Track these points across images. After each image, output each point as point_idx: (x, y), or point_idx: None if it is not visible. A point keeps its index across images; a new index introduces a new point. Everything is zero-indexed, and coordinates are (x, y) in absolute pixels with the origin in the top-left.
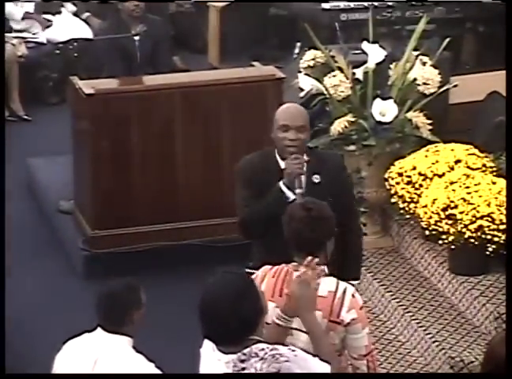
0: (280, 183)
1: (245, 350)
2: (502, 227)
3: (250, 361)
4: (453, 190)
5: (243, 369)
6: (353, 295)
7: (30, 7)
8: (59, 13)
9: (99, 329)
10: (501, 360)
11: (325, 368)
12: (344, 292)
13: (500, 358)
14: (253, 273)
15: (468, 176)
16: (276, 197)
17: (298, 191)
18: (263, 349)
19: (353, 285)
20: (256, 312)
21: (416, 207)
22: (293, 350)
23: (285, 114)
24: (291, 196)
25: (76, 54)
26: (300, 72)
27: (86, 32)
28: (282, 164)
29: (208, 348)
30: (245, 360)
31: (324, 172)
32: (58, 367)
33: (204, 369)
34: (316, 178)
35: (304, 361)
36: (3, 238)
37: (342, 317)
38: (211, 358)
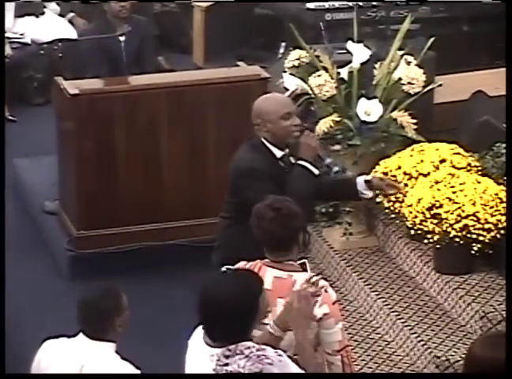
0: (303, 163)
1: (230, 347)
2: (487, 226)
3: (234, 357)
4: (438, 190)
5: (226, 364)
6: (326, 290)
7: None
8: (43, 13)
9: (81, 335)
10: (480, 362)
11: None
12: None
13: (479, 360)
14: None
15: (453, 175)
16: (306, 177)
17: (328, 161)
18: (249, 347)
19: (326, 279)
20: (257, 311)
21: (401, 206)
22: (279, 355)
23: (283, 103)
24: (315, 171)
25: (61, 55)
26: (285, 72)
27: (70, 33)
28: (277, 153)
29: (195, 340)
30: (229, 356)
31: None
32: (42, 368)
33: (189, 360)
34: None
35: (286, 367)
36: (3, 239)
37: (314, 313)
38: (197, 349)
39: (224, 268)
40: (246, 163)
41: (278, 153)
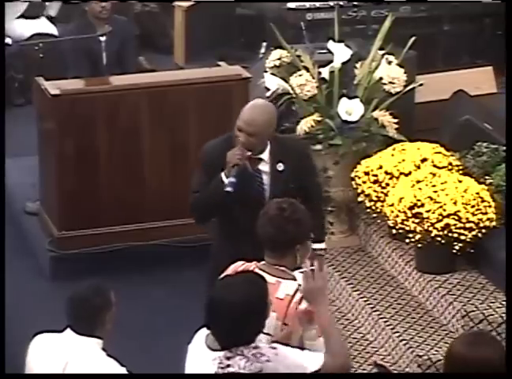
0: (222, 173)
1: (231, 348)
2: (469, 225)
3: (235, 358)
4: (420, 189)
5: (228, 366)
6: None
7: None
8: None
9: (68, 331)
10: (460, 361)
11: (307, 357)
12: (302, 298)
13: (459, 358)
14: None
15: (434, 175)
16: (217, 185)
17: (230, 180)
18: (248, 347)
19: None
20: (265, 313)
21: (382, 206)
22: (274, 348)
23: (243, 117)
24: (228, 187)
25: (41, 55)
26: (266, 71)
27: (50, 28)
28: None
29: (196, 344)
30: (230, 357)
31: (287, 160)
32: (31, 362)
33: (190, 364)
34: (279, 166)
35: (285, 358)
36: (3, 239)
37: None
38: (198, 354)
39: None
40: (204, 146)
41: None
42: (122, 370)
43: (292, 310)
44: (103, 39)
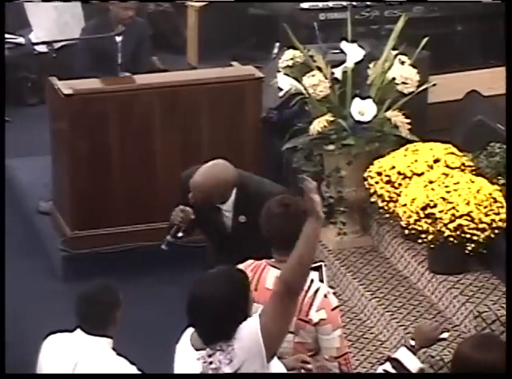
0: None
1: (212, 345)
2: (481, 225)
3: (215, 354)
4: (433, 189)
5: (210, 363)
6: (326, 296)
7: None
8: None
9: (78, 331)
10: (466, 362)
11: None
12: (316, 292)
13: (465, 360)
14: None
15: (447, 175)
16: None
17: (167, 238)
18: (227, 342)
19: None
20: (246, 309)
21: (395, 206)
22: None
23: (191, 181)
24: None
25: (54, 55)
26: (279, 71)
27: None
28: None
29: (182, 344)
30: (211, 354)
31: (251, 212)
32: (42, 362)
33: (178, 364)
34: (242, 219)
35: (243, 339)
36: (3, 239)
37: (310, 317)
38: (184, 353)
39: None
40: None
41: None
42: (132, 369)
43: (307, 306)
44: (119, 39)
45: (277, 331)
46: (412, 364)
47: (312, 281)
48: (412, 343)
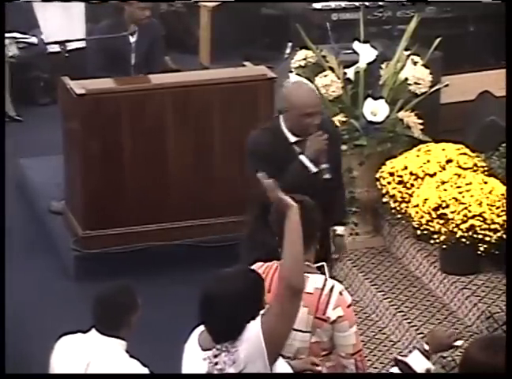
0: (301, 157)
1: (218, 346)
2: (494, 226)
3: (220, 355)
4: (445, 190)
5: (216, 363)
6: (341, 293)
7: None
8: None
9: (93, 331)
10: (473, 364)
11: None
12: (332, 289)
13: (473, 361)
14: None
15: (459, 176)
16: (299, 170)
17: (324, 166)
18: (232, 342)
19: (341, 282)
20: (258, 308)
21: (407, 206)
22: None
23: (309, 102)
24: (313, 168)
25: (67, 55)
26: (291, 72)
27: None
28: (292, 138)
29: (190, 344)
30: (217, 355)
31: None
32: (54, 363)
33: (185, 364)
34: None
35: (247, 341)
36: (3, 239)
37: (328, 315)
38: (192, 353)
39: None
40: (251, 136)
41: (292, 138)
42: (145, 372)
43: (324, 304)
44: (132, 39)
45: (280, 331)
46: (421, 368)
47: (326, 279)
48: (426, 347)
